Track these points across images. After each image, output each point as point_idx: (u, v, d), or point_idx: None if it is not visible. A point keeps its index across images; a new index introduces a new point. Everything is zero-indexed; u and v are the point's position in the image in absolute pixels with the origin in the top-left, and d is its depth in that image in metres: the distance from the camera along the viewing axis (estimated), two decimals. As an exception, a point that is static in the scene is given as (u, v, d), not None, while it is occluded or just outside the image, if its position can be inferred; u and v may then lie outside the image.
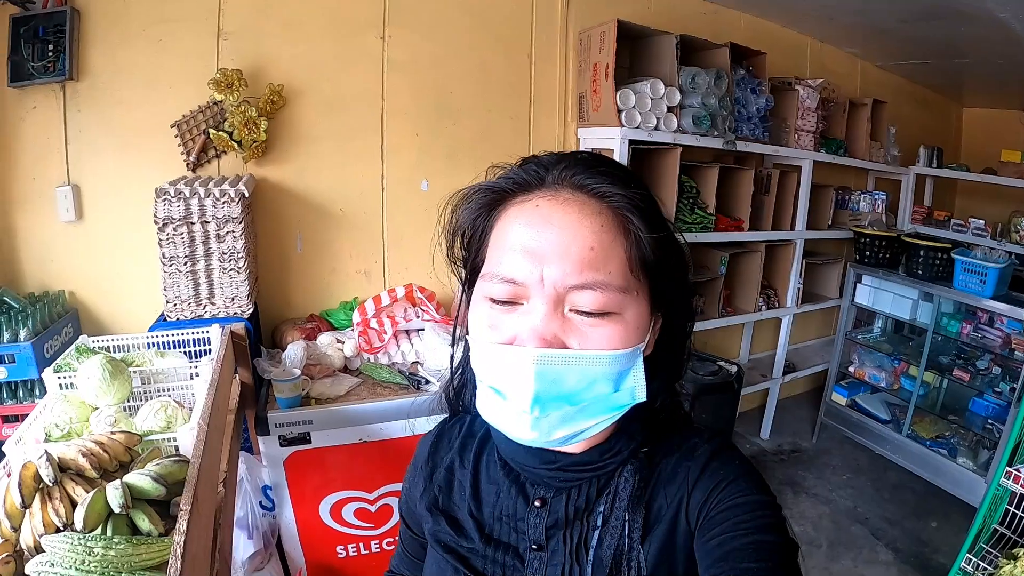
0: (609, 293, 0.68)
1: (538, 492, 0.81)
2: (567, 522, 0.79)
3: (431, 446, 0.96)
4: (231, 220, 2.15)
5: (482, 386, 0.76)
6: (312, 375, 2.25)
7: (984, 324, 3.84)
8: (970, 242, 4.28)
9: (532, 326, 0.68)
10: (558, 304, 0.68)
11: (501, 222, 0.74)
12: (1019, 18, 3.36)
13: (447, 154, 2.89)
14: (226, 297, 2.23)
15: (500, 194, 0.75)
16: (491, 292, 0.71)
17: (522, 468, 0.82)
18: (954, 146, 6.06)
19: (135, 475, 1.14)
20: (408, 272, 2.87)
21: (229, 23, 2.40)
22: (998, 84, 5.12)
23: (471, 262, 0.80)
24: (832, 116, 4.15)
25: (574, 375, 0.69)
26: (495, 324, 0.71)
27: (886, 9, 3.63)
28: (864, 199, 4.53)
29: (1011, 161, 4.72)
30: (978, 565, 2.49)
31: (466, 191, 0.80)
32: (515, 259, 0.69)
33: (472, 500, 0.86)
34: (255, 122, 2.39)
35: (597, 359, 0.69)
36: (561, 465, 0.79)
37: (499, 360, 0.71)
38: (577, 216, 0.69)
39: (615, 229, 0.70)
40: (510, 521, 0.82)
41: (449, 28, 2.83)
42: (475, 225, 0.78)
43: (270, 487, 2.21)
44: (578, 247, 0.68)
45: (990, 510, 2.56)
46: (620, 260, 0.70)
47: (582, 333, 0.69)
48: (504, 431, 0.74)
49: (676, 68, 2.98)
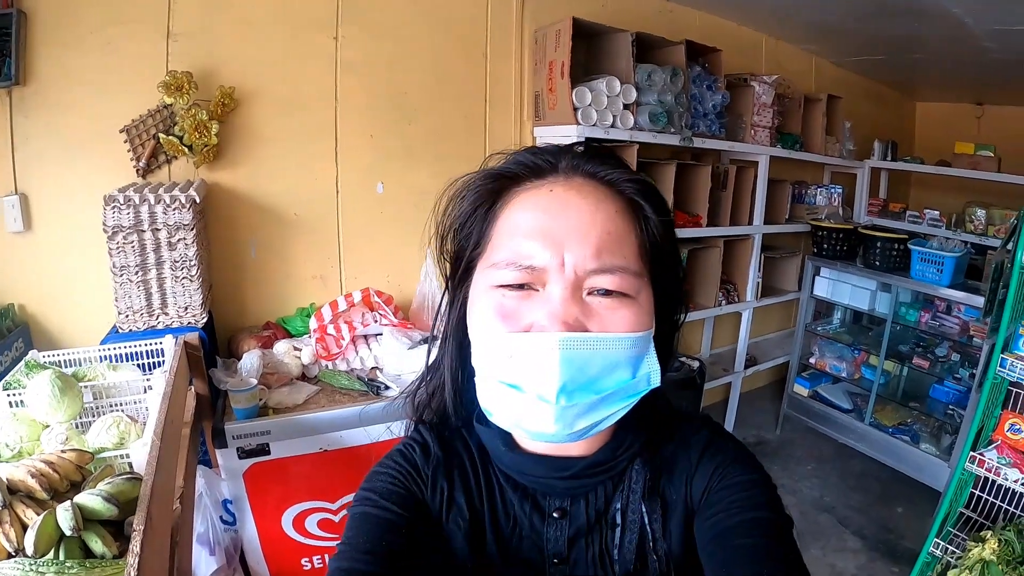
0: (626, 276, 0.69)
1: (553, 503, 0.79)
2: (588, 528, 0.78)
3: (424, 458, 0.84)
4: (182, 227, 2.13)
5: (488, 383, 0.73)
6: (269, 384, 2.23)
7: (942, 312, 3.96)
8: (926, 233, 4.41)
9: (552, 311, 0.67)
10: (577, 288, 0.68)
11: (510, 209, 0.74)
12: (971, 13, 3.47)
13: (402, 155, 2.88)
14: (179, 307, 2.20)
15: (508, 180, 0.76)
16: (503, 279, 0.70)
17: (532, 480, 0.79)
18: (908, 140, 6.26)
19: (86, 495, 1.13)
20: (365, 276, 2.86)
21: (179, 24, 2.37)
22: (951, 79, 5.30)
23: (468, 254, 0.78)
24: (788, 112, 4.24)
25: (599, 360, 0.68)
26: (508, 313, 0.70)
27: (841, 7, 3.72)
28: (820, 193, 4.65)
29: (964, 153, 4.87)
30: (946, 549, 2.54)
31: (469, 176, 0.79)
32: (532, 244, 0.69)
33: (490, 519, 0.81)
34: (206, 125, 2.36)
35: (619, 341, 0.69)
36: (575, 472, 0.77)
37: (515, 350, 0.69)
38: (594, 201, 0.71)
39: (628, 215, 0.73)
40: (527, 537, 0.79)
41: (403, 27, 2.82)
42: (476, 214, 0.77)
43: (230, 501, 2.18)
44: (596, 231, 0.69)
45: (956, 494, 2.62)
46: (633, 245, 0.72)
47: (601, 317, 0.69)
48: (519, 427, 0.72)
49: (632, 65, 3.01)
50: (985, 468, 2.40)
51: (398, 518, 0.76)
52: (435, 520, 0.79)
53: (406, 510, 0.77)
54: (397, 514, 0.76)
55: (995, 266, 2.65)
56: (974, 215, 4.60)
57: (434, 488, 0.80)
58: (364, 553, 0.71)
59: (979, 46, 4.03)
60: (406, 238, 2.92)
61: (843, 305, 4.46)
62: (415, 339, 2.48)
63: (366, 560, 0.71)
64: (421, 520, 0.78)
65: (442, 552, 0.78)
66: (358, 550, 0.72)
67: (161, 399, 1.47)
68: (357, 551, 0.72)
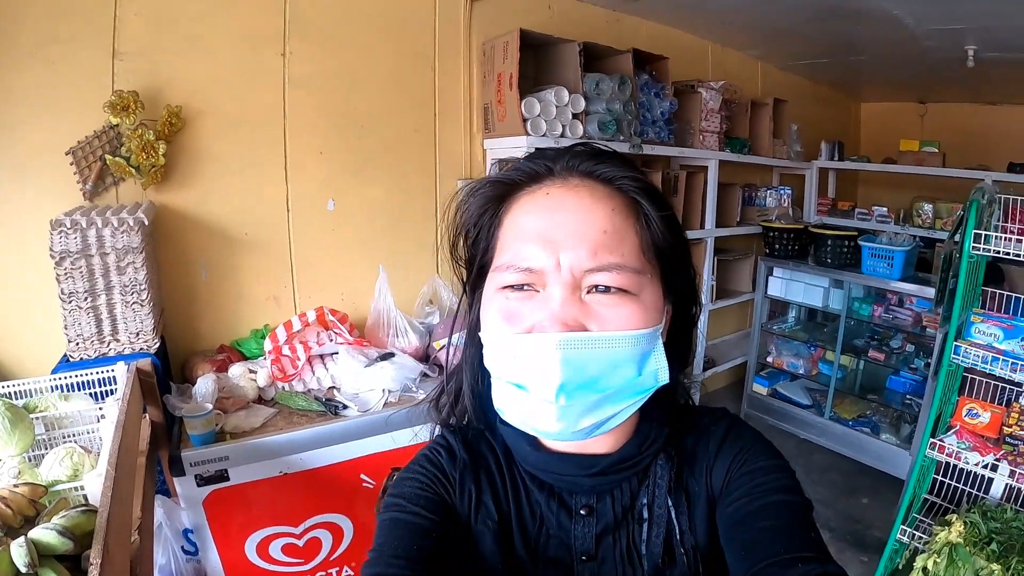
0: (625, 274, 0.71)
1: (580, 501, 0.80)
2: (615, 525, 0.79)
3: (450, 462, 0.86)
4: (131, 251, 2.10)
5: (499, 383, 0.76)
6: (225, 408, 2.21)
7: (895, 305, 4.10)
8: (875, 229, 4.54)
9: (551, 312, 0.69)
10: (575, 289, 0.70)
11: (512, 214, 0.77)
12: (911, 14, 3.59)
13: (352, 171, 2.89)
14: (131, 332, 2.17)
15: (509, 186, 0.78)
16: (506, 280, 0.73)
17: (558, 479, 0.81)
18: (855, 140, 6.47)
19: (40, 530, 1.10)
20: (319, 295, 2.85)
21: (125, 43, 2.34)
22: (894, 79, 5.47)
23: (479, 260, 0.81)
24: (735, 116, 4.34)
25: (598, 358, 0.70)
26: (512, 315, 0.72)
27: (783, 11, 3.81)
28: (770, 195, 4.77)
29: (909, 150, 5.04)
30: (913, 535, 2.61)
31: (473, 184, 0.82)
32: (530, 246, 0.71)
33: (516, 519, 0.82)
34: (153, 146, 2.32)
35: (620, 340, 0.70)
36: (601, 469, 0.79)
37: (519, 351, 0.71)
38: (589, 201, 0.73)
39: (626, 212, 0.74)
40: (555, 536, 0.80)
41: (351, 43, 2.83)
42: (482, 220, 0.79)
43: (191, 530, 2.14)
44: (592, 231, 0.71)
45: (918, 481, 2.70)
46: (633, 242, 0.73)
47: (601, 316, 0.70)
48: (527, 426, 0.74)
49: (580, 75, 3.06)
50: (945, 453, 2.48)
51: (428, 523, 0.76)
52: (464, 523, 0.80)
53: (435, 514, 0.78)
54: (427, 518, 0.77)
55: (944, 257, 2.75)
56: (921, 210, 4.76)
57: (462, 491, 0.81)
58: (396, 558, 0.72)
59: (920, 46, 4.18)
60: (359, 255, 2.93)
61: (797, 303, 4.59)
62: (371, 357, 2.48)
63: (399, 565, 0.71)
64: (450, 524, 0.79)
65: (472, 555, 0.79)
66: (390, 555, 0.72)
67: (114, 428, 1.45)
68: (390, 556, 0.72)
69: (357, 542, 2.35)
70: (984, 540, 2.27)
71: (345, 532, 2.34)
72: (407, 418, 2.21)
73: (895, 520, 2.70)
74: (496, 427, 0.86)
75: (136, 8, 2.34)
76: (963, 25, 3.68)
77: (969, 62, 4.17)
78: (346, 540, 2.35)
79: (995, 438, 2.49)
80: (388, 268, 2.75)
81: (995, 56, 4.16)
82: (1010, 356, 2.38)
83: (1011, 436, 2.46)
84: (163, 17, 2.40)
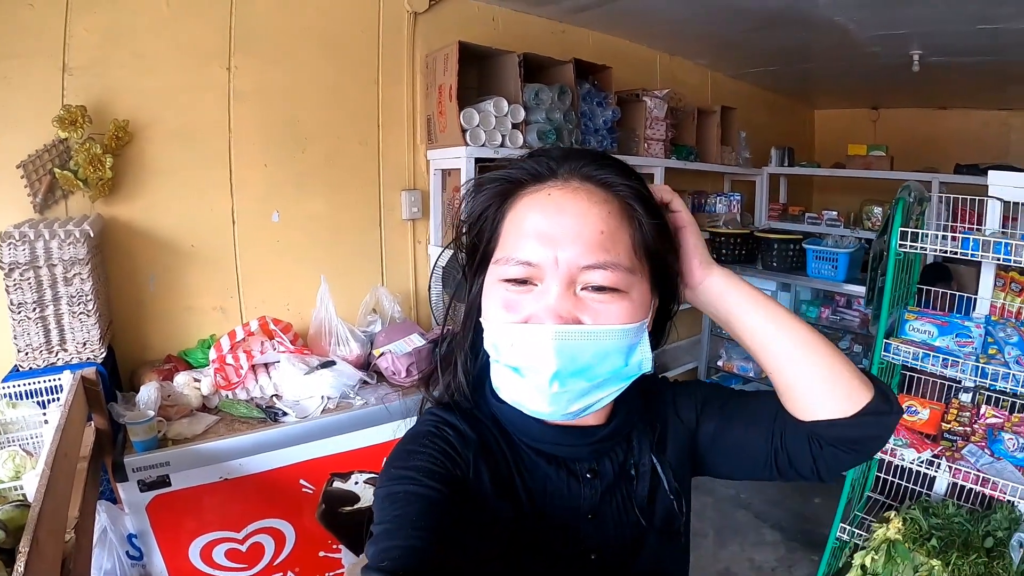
0: (618, 272, 0.79)
1: (584, 466, 0.91)
2: (614, 483, 0.92)
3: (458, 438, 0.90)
4: (78, 262, 2.15)
5: (497, 366, 0.85)
6: (169, 416, 2.27)
7: (842, 307, 4.26)
8: (823, 233, 4.72)
9: (547, 305, 0.78)
10: (571, 284, 0.78)
11: (515, 210, 0.84)
12: (854, 21, 3.73)
13: (297, 183, 2.95)
14: (78, 342, 2.22)
15: (513, 184, 0.86)
16: (507, 274, 0.81)
17: (563, 450, 0.91)
18: (808, 146, 6.67)
19: (-25, 523, 1.17)
20: (264, 305, 2.91)
21: (75, 58, 2.40)
22: (844, 85, 5.65)
23: (482, 248, 0.88)
24: (681, 124, 4.46)
25: (590, 349, 0.79)
26: (511, 305, 0.81)
27: (729, 21, 3.94)
28: (720, 201, 4.91)
29: (857, 154, 5.23)
30: (854, 533, 2.68)
31: (479, 179, 0.90)
32: (531, 243, 0.79)
33: (523, 488, 0.89)
34: (100, 159, 2.38)
35: (610, 333, 0.79)
36: (600, 438, 0.91)
37: (516, 338, 0.80)
38: (587, 203, 0.80)
39: (621, 215, 0.82)
40: (560, 500, 0.89)
41: (296, 55, 2.90)
42: (486, 213, 0.87)
43: (135, 535, 2.19)
44: (589, 231, 0.78)
45: (859, 479, 2.80)
46: (626, 243, 0.81)
47: (594, 310, 0.79)
48: (521, 405, 0.84)
49: (520, 85, 3.14)
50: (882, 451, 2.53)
51: (443, 497, 0.79)
52: (474, 497, 0.85)
53: (450, 489, 0.81)
54: (442, 493, 0.80)
55: (873, 255, 2.85)
56: (871, 213, 4.95)
57: (476, 468, 0.87)
58: (417, 529, 0.74)
59: (866, 52, 4.33)
60: (304, 265, 2.99)
61: (746, 307, 4.71)
62: (312, 365, 2.54)
63: (423, 537, 0.73)
64: (464, 499, 0.83)
65: (487, 529, 0.84)
66: (411, 527, 0.74)
67: (54, 431, 1.52)
68: (410, 528, 0.74)
69: (299, 547, 2.39)
70: (924, 536, 2.34)
71: (287, 537, 2.38)
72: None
73: (835, 518, 2.77)
74: (484, 405, 0.95)
75: (87, 23, 2.40)
76: (905, 30, 3.82)
77: (915, 67, 4.33)
78: (288, 545, 2.38)
79: (934, 435, 2.56)
80: (332, 278, 2.82)
81: (940, 60, 4.33)
82: (943, 352, 2.46)
83: (950, 432, 2.54)
84: (112, 32, 2.46)
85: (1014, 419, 2.48)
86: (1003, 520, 2.33)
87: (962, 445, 2.48)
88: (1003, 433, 2.42)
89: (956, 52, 4.14)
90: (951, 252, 2.39)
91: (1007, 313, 2.56)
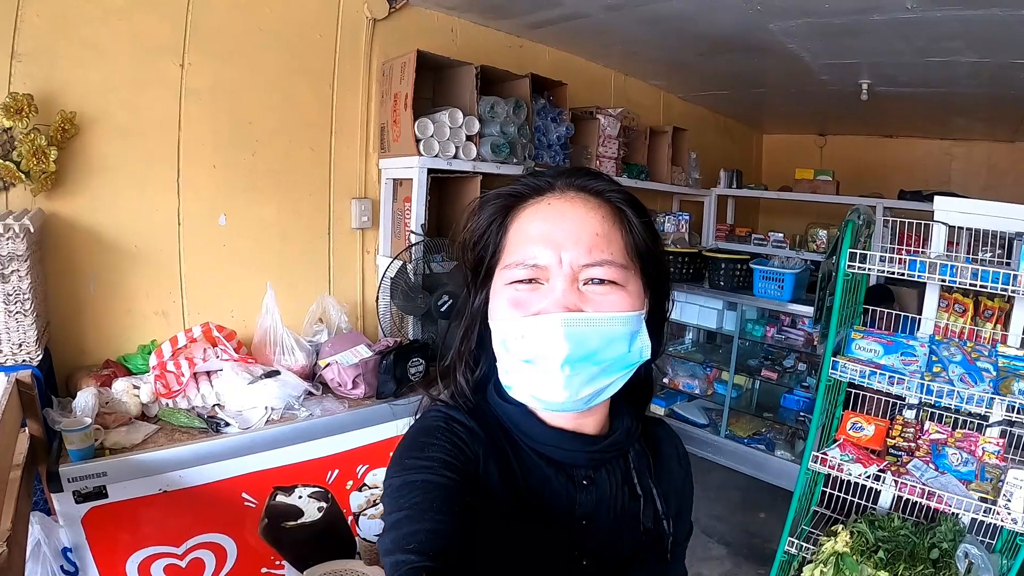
0: (614, 268, 0.87)
1: (581, 472, 0.95)
2: (611, 495, 0.96)
3: (468, 434, 0.92)
4: (16, 258, 2.08)
5: (508, 361, 0.91)
6: (107, 424, 2.21)
7: (787, 326, 4.39)
8: (769, 253, 4.85)
9: (554, 299, 0.85)
10: (574, 281, 0.86)
11: (518, 221, 0.92)
12: (807, 49, 3.88)
13: (246, 187, 2.92)
14: (13, 343, 2.15)
15: (515, 199, 0.94)
16: (516, 276, 0.88)
17: (561, 452, 0.95)
18: (756, 169, 6.89)
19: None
20: (208, 311, 2.86)
21: (24, 44, 2.33)
22: (794, 111, 5.86)
23: (487, 261, 0.95)
24: (633, 143, 4.57)
25: (597, 334, 0.86)
26: (519, 303, 0.88)
27: (683, 44, 4.07)
28: (669, 220, 5.06)
29: (804, 178, 5.41)
30: (801, 547, 2.75)
31: (483, 197, 0.98)
32: (537, 246, 0.87)
33: (525, 490, 0.92)
34: (44, 151, 2.30)
35: (613, 319, 0.87)
36: (601, 447, 0.95)
37: (527, 331, 0.86)
38: (583, 209, 0.89)
39: (614, 219, 0.90)
40: (559, 502, 0.93)
41: (251, 56, 2.88)
42: (490, 229, 0.94)
43: (70, 549, 2.10)
44: (587, 234, 0.87)
45: (806, 493, 2.88)
46: (620, 244, 0.89)
47: (595, 301, 0.87)
48: (534, 397, 0.89)
49: (476, 98, 3.18)
50: (828, 465, 2.63)
51: (460, 488, 0.83)
52: (484, 491, 0.89)
53: (464, 480, 0.85)
54: (459, 484, 0.84)
55: (822, 275, 2.97)
56: (816, 235, 5.13)
57: (486, 465, 0.91)
58: (440, 513, 0.78)
59: (816, 79, 4.51)
60: (250, 271, 2.96)
61: (693, 325, 4.83)
62: (256, 374, 2.51)
63: (446, 521, 0.77)
64: (475, 492, 0.86)
65: (494, 522, 0.87)
66: (432, 511, 0.78)
67: None
68: (433, 512, 0.78)
69: (241, 563, 2.35)
70: (872, 548, 2.42)
71: (228, 552, 2.33)
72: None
73: (783, 532, 2.84)
74: (486, 408, 0.99)
75: (38, 9, 2.34)
76: (856, 60, 4.00)
77: (863, 95, 4.53)
78: (230, 561, 2.34)
79: (879, 450, 2.65)
80: (279, 286, 2.79)
81: (887, 91, 4.53)
82: (888, 370, 2.57)
83: (895, 447, 2.65)
84: (63, 20, 2.40)
85: (957, 435, 2.59)
86: (948, 532, 2.43)
87: (907, 460, 2.58)
88: (947, 448, 2.54)
89: (904, 83, 4.34)
90: (897, 273, 2.50)
91: (950, 333, 2.69)
